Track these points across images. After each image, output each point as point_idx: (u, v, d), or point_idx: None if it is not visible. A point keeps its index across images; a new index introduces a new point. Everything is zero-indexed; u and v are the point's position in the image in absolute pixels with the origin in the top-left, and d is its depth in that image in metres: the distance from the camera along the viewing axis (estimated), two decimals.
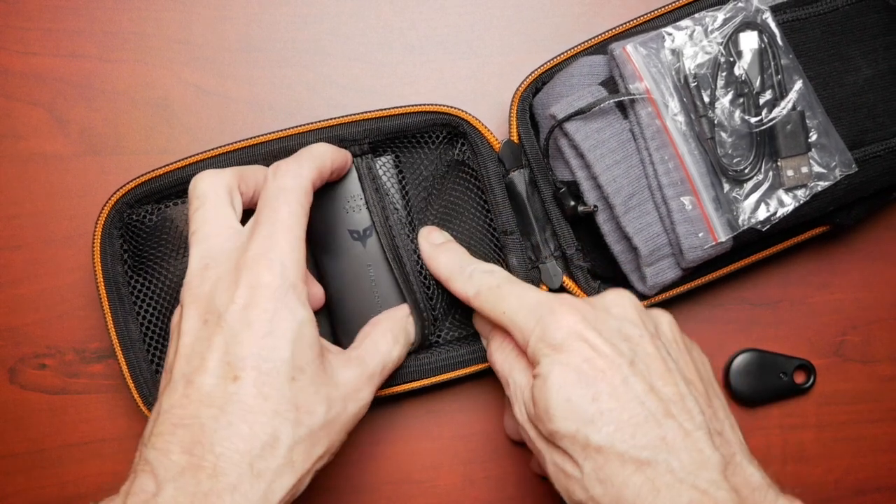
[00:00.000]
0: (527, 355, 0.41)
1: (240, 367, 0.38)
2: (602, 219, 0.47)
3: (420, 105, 0.48)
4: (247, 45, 0.53)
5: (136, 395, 0.47)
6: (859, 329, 0.54)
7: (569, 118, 0.46)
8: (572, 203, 0.48)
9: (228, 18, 0.53)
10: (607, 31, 0.49)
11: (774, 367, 0.52)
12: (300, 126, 0.48)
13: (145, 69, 0.53)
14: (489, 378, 0.51)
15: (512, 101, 0.49)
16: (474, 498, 0.52)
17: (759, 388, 0.52)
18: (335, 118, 0.48)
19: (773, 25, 0.46)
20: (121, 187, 0.47)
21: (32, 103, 0.52)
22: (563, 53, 0.49)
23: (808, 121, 0.46)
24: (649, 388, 0.38)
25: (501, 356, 0.43)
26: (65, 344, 0.51)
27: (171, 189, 0.48)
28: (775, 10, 0.46)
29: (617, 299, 0.42)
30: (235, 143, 0.47)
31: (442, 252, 0.47)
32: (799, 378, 0.53)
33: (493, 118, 0.53)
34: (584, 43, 0.49)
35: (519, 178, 0.49)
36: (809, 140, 0.46)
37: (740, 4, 0.46)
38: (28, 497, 0.51)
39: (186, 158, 0.47)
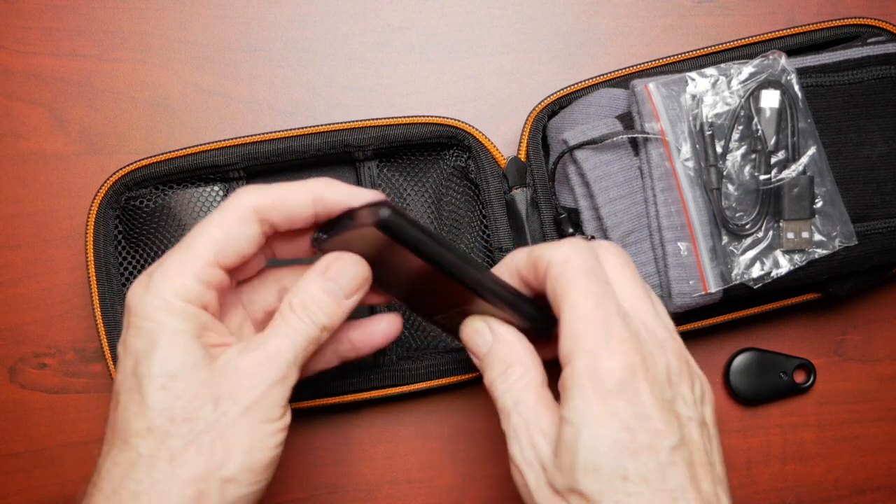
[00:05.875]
0: (559, 367, 0.35)
1: None
2: None
3: (427, 116, 0.48)
4: (247, 44, 0.53)
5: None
6: (859, 328, 0.54)
7: (580, 146, 0.46)
8: (571, 230, 0.48)
9: (228, 18, 0.53)
10: (632, 66, 0.49)
11: (774, 367, 0.52)
12: (306, 128, 0.48)
13: (145, 69, 0.53)
14: None
15: (527, 119, 0.49)
16: (474, 497, 0.52)
17: (759, 387, 0.52)
18: (341, 123, 0.48)
19: (796, 87, 0.46)
20: (121, 168, 0.47)
21: (32, 102, 0.52)
22: (584, 81, 0.49)
23: (816, 187, 0.46)
24: (690, 481, 0.33)
25: (504, 385, 0.37)
26: (65, 343, 0.51)
27: (171, 176, 0.48)
28: (801, 72, 0.47)
29: (667, 327, 0.35)
30: (240, 137, 0.48)
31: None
32: (799, 377, 0.53)
33: (493, 118, 0.53)
34: (607, 74, 0.49)
35: (521, 196, 0.49)
36: (815, 206, 0.46)
37: (767, 62, 0.46)
38: (28, 496, 0.51)
39: (190, 147, 0.47)
